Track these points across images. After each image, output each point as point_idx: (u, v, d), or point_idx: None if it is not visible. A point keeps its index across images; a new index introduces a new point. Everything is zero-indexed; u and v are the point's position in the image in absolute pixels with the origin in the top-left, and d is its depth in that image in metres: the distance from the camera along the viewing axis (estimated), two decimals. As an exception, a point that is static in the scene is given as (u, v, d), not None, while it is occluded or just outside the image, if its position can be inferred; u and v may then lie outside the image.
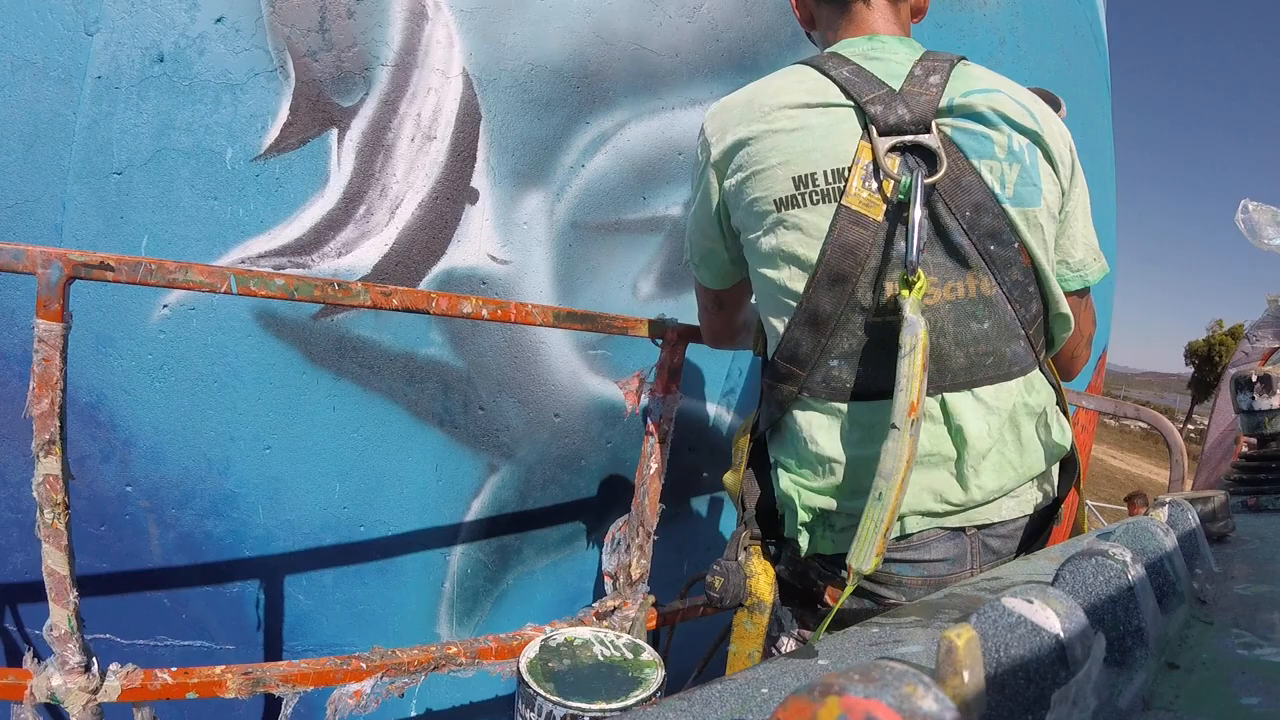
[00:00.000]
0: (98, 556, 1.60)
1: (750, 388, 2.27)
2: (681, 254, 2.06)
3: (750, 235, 1.11)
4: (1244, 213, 2.36)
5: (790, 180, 1.05)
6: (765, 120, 1.08)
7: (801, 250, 1.06)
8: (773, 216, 1.07)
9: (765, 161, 1.06)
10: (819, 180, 1.04)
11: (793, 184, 1.05)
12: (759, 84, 1.14)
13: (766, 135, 1.07)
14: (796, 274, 1.07)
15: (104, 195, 1.50)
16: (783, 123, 1.06)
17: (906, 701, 0.27)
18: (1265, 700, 0.47)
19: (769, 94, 1.10)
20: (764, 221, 1.08)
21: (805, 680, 0.44)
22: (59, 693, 1.13)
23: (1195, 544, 0.71)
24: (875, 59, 1.10)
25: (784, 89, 1.09)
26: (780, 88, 1.10)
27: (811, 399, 1.09)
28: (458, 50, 1.71)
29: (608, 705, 0.98)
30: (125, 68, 1.49)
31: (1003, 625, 0.41)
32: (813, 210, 1.04)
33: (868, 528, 0.98)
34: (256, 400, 1.64)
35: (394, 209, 1.69)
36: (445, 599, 1.90)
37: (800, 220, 1.05)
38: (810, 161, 1.04)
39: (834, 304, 1.05)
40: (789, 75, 1.13)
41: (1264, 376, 1.34)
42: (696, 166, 1.19)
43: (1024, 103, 1.10)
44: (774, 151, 1.06)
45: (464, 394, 1.83)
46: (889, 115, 1.03)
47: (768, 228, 1.08)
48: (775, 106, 1.08)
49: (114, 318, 1.54)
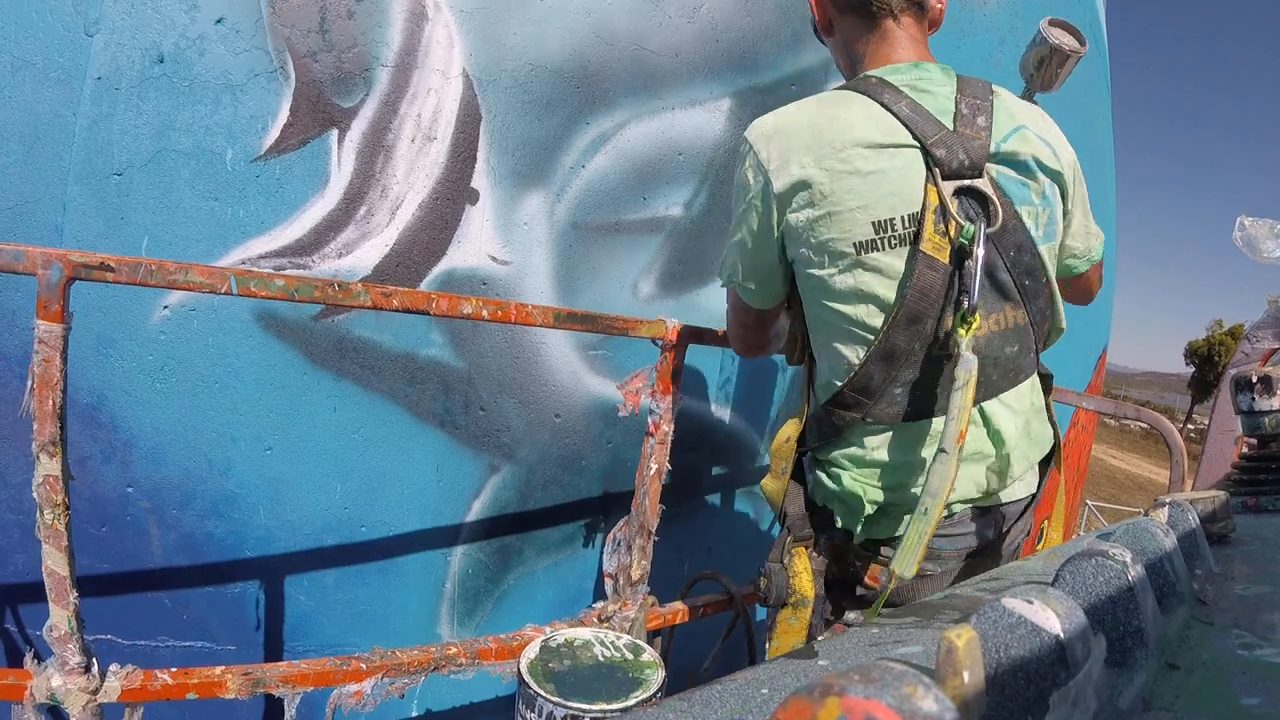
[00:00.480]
0: (99, 557, 1.60)
1: (748, 388, 2.27)
2: (680, 255, 2.06)
3: (819, 271, 1.16)
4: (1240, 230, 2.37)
5: (870, 225, 1.10)
6: (838, 158, 1.10)
7: (881, 291, 1.12)
8: (851, 258, 1.12)
9: (842, 204, 1.10)
10: (897, 225, 1.10)
11: (872, 229, 1.10)
12: (818, 110, 1.16)
13: (843, 176, 1.10)
14: (874, 312, 1.13)
15: (104, 196, 1.51)
16: (858, 163, 1.10)
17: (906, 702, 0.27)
18: (1265, 701, 0.47)
19: (837, 128, 1.11)
20: (840, 261, 1.13)
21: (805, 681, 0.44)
22: (59, 693, 1.14)
23: (1195, 544, 0.71)
24: (924, 91, 1.15)
25: (852, 124, 1.11)
26: (848, 122, 1.12)
27: (874, 423, 1.19)
28: (458, 51, 1.71)
29: (608, 706, 0.99)
30: (125, 69, 1.49)
31: (1003, 626, 0.41)
32: (890, 253, 1.11)
33: (912, 539, 1.06)
34: (257, 401, 1.64)
35: (394, 210, 1.69)
36: (446, 599, 1.90)
37: (879, 263, 1.11)
38: (888, 207, 1.09)
39: (908, 341, 1.12)
40: (851, 106, 1.14)
41: (1264, 377, 1.34)
42: (746, 188, 1.19)
43: (1049, 140, 1.20)
44: (851, 195, 1.10)
45: (465, 394, 1.83)
46: (951, 160, 1.09)
47: (845, 268, 1.13)
48: (847, 144, 1.10)
49: (115, 319, 1.54)
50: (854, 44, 1.24)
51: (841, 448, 1.23)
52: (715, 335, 1.72)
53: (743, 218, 1.21)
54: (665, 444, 1.63)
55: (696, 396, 2.13)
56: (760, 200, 1.17)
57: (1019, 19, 2.79)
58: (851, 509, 1.22)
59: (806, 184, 1.12)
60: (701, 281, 2.13)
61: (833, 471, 1.24)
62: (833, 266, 1.14)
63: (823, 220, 1.12)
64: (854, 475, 1.21)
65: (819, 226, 1.12)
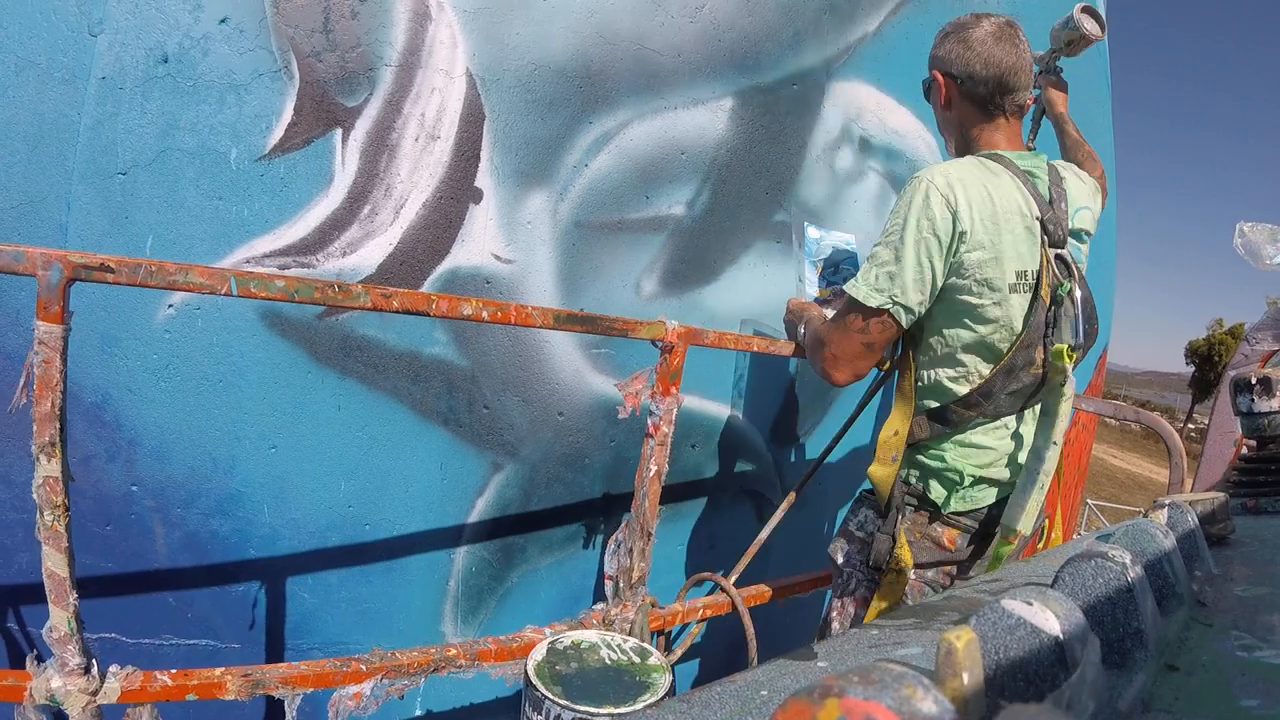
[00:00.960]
0: (103, 556, 1.61)
1: (754, 388, 2.27)
2: (683, 254, 2.06)
3: (974, 299, 1.47)
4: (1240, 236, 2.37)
5: (1014, 273, 1.46)
6: (1002, 218, 1.45)
7: (1015, 323, 1.49)
8: (1002, 294, 1.46)
9: (1001, 254, 1.45)
10: (1028, 276, 1.47)
11: (1015, 276, 1.46)
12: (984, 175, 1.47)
13: (1003, 233, 1.45)
14: (1006, 337, 1.49)
15: (109, 195, 1.51)
16: (1013, 224, 1.46)
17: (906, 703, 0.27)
18: (1265, 702, 0.47)
19: (1000, 195, 1.46)
20: (993, 295, 1.46)
21: (804, 682, 0.44)
22: (59, 694, 1.13)
23: (1195, 546, 0.71)
24: (1036, 177, 1.53)
25: (1008, 195, 1.47)
26: (1007, 193, 1.47)
27: (983, 419, 1.54)
28: (461, 50, 1.71)
29: (615, 710, 0.99)
30: (130, 68, 1.49)
31: (1002, 627, 0.41)
32: (1022, 296, 1.48)
33: (1032, 505, 1.51)
34: (261, 400, 1.65)
35: (398, 209, 1.70)
36: (450, 597, 1.90)
37: (1015, 302, 1.47)
38: (1024, 262, 1.47)
39: (1022, 361, 1.49)
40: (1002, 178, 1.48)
41: (1264, 379, 1.35)
42: (930, 221, 1.43)
43: (1093, 209, 1.64)
44: (1006, 247, 1.45)
45: (468, 393, 1.83)
46: (1055, 233, 1.49)
47: (995, 301, 1.47)
48: (1008, 209, 1.46)
49: (119, 317, 1.55)
50: (968, 126, 1.58)
51: (950, 437, 1.56)
52: (714, 336, 1.72)
53: (918, 245, 1.44)
54: (665, 445, 1.63)
55: (696, 396, 2.13)
56: (945, 234, 1.43)
57: (1019, 17, 2.79)
58: (951, 482, 1.56)
59: (981, 231, 1.43)
60: (704, 280, 2.13)
61: (935, 454, 1.57)
62: (987, 299, 1.46)
63: (989, 262, 1.44)
64: (956, 454, 1.56)
65: (985, 266, 1.44)
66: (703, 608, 1.90)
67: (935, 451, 1.57)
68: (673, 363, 1.61)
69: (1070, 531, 2.58)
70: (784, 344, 1.92)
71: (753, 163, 2.15)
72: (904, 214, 1.46)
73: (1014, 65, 1.51)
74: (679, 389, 1.63)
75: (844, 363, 1.57)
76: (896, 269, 1.46)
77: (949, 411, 1.54)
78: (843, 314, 1.56)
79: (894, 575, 1.56)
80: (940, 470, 1.57)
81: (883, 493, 1.58)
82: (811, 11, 2.19)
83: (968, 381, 1.53)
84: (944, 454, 1.57)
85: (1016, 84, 1.52)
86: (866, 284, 1.49)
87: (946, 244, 1.44)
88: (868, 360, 1.56)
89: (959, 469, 1.55)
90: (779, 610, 2.20)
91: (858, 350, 1.54)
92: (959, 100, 1.57)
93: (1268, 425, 1.39)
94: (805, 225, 2.09)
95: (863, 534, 1.64)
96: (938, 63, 1.59)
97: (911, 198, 1.45)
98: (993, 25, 1.53)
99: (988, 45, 1.51)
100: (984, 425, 1.56)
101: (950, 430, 1.55)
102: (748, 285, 2.23)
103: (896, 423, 1.57)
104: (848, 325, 1.54)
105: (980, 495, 1.58)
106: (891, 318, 1.48)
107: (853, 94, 2.35)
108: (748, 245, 2.20)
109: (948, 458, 1.56)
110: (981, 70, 1.51)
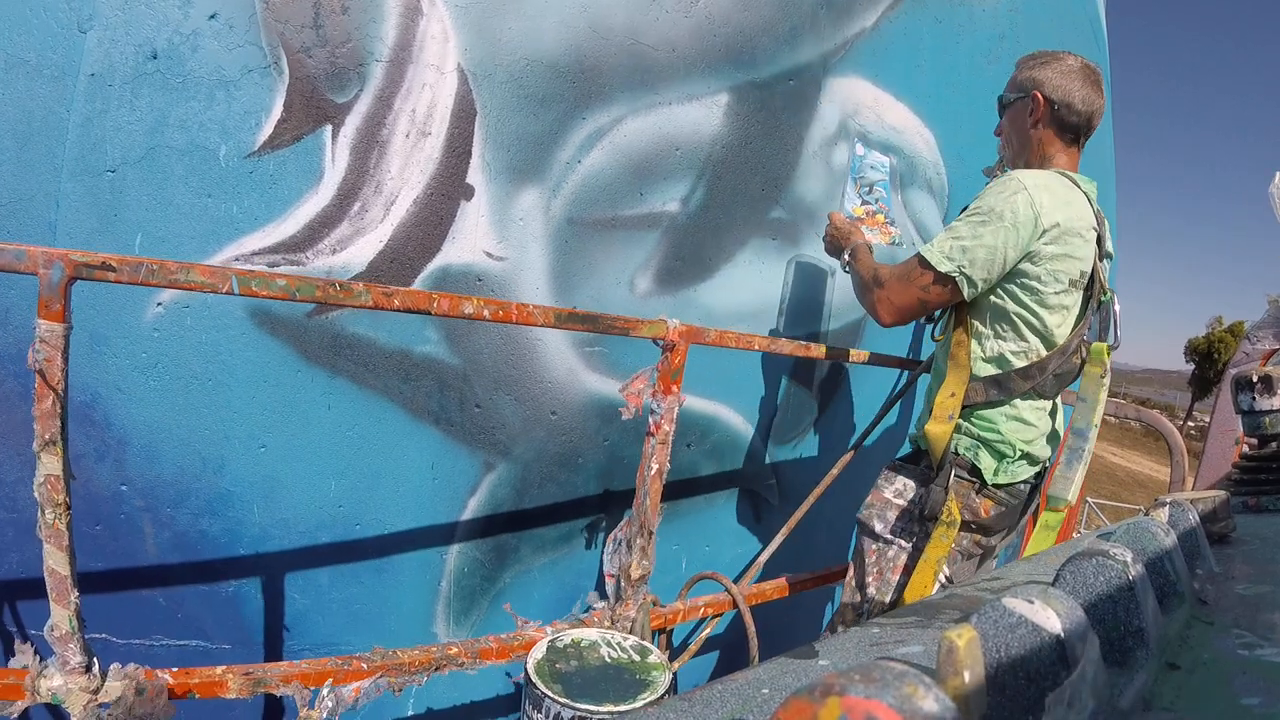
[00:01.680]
0: (93, 556, 1.59)
1: (751, 387, 2.27)
2: (677, 250, 2.05)
3: (1043, 287, 1.69)
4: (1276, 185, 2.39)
5: (1079, 271, 1.72)
6: (1075, 225, 1.68)
7: (1074, 312, 1.76)
8: (1064, 287, 1.71)
9: (1070, 253, 1.69)
10: (1087, 275, 1.74)
11: (1079, 274, 1.72)
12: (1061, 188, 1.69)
13: (1074, 237, 1.68)
14: (1065, 322, 1.75)
15: (97, 193, 1.49)
16: (1081, 231, 1.69)
17: (907, 702, 0.26)
18: (1266, 701, 0.46)
19: (1074, 206, 1.69)
20: (1060, 285, 1.70)
21: (805, 680, 0.43)
22: (60, 693, 1.13)
23: (1196, 544, 0.70)
24: (1090, 198, 1.75)
25: (1079, 207, 1.70)
26: (1079, 205, 1.70)
27: (1034, 394, 1.75)
28: (452, 45, 1.70)
29: (616, 708, 0.98)
30: (119, 65, 1.48)
31: (1003, 625, 0.40)
32: (1079, 294, 1.75)
33: (1077, 478, 1.79)
34: (251, 398, 1.63)
35: (389, 205, 1.68)
36: (442, 598, 1.89)
37: (1075, 297, 1.74)
38: (1084, 264, 1.73)
39: (1075, 348, 1.76)
40: (1074, 193, 1.72)
41: (1264, 377, 1.34)
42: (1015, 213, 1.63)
43: (1112, 230, 1.91)
44: (1074, 249, 1.69)
45: (460, 391, 1.82)
46: (1104, 246, 1.80)
47: (1061, 290, 1.70)
48: (1080, 219, 1.69)
49: (108, 316, 1.53)
50: (1047, 144, 1.80)
51: (1003, 406, 1.75)
52: (716, 335, 1.71)
53: (1000, 230, 1.64)
54: (666, 444, 1.62)
55: (696, 395, 2.12)
56: (1027, 226, 1.64)
57: (1018, 15, 2.79)
58: (1001, 454, 1.75)
59: (1057, 231, 1.65)
60: (699, 278, 2.12)
61: (989, 426, 1.75)
62: (1055, 287, 1.69)
63: (1060, 257, 1.68)
64: (1009, 427, 1.74)
65: (1056, 260, 1.67)
66: (704, 606, 1.90)
67: (989, 423, 1.75)
68: (674, 361, 1.60)
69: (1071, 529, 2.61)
70: (784, 343, 1.91)
71: (748, 159, 2.14)
72: (992, 201, 1.65)
73: (1100, 109, 1.78)
74: (680, 387, 1.62)
75: (897, 310, 1.77)
76: (971, 244, 1.65)
77: (1009, 379, 1.73)
78: (909, 268, 1.74)
79: (944, 528, 1.71)
80: (993, 441, 1.74)
81: (937, 449, 1.75)
82: (808, 6, 2.18)
83: (1026, 357, 1.73)
84: (997, 425, 1.74)
85: (1095, 124, 1.80)
86: (941, 251, 1.68)
87: (1025, 235, 1.63)
88: (915, 314, 1.78)
89: (1011, 442, 1.74)
90: (780, 608, 2.19)
91: (913, 303, 1.75)
92: (1048, 122, 1.78)
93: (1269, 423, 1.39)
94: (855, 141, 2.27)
95: (902, 500, 1.79)
96: (1038, 84, 1.77)
97: (1003, 190, 1.65)
98: (1079, 64, 1.77)
99: (1085, 85, 1.75)
100: (1032, 401, 1.75)
101: (1005, 397, 1.73)
102: (743, 282, 2.22)
103: (953, 385, 1.76)
104: (912, 279, 1.73)
105: (1020, 471, 1.76)
106: (956, 286, 1.68)
107: (850, 90, 2.34)
108: (743, 242, 2.19)
109: (1002, 430, 1.74)
110: (1080, 105, 1.75)
